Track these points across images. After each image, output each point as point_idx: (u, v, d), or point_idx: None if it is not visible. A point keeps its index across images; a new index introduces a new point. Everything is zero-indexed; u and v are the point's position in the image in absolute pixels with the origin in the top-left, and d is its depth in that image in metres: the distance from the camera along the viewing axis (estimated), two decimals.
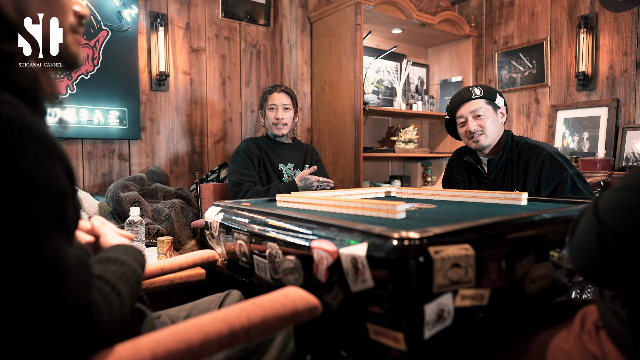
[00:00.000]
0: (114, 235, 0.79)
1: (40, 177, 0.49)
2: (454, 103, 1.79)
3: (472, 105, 1.73)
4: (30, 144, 0.48)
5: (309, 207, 1.24)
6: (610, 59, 2.64)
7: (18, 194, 0.46)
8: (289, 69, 2.93)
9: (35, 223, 0.47)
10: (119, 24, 2.44)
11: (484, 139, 1.72)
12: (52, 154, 0.51)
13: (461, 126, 1.78)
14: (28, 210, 0.47)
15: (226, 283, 2.06)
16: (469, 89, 1.75)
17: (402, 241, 0.70)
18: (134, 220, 1.61)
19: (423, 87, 3.62)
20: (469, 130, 1.73)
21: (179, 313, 0.98)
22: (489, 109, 1.73)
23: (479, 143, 1.73)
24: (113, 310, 0.55)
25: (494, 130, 1.73)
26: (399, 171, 3.61)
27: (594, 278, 0.64)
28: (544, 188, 1.60)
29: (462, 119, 1.77)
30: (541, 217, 0.93)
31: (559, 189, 1.57)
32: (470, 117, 1.73)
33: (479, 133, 1.72)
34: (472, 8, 3.40)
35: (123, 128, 2.49)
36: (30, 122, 0.49)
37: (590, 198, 1.53)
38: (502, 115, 1.77)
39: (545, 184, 1.60)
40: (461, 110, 1.76)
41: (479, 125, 1.72)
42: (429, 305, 0.68)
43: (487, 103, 1.73)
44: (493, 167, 1.76)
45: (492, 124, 1.72)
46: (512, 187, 1.71)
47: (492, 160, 1.75)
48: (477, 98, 1.72)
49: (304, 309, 0.67)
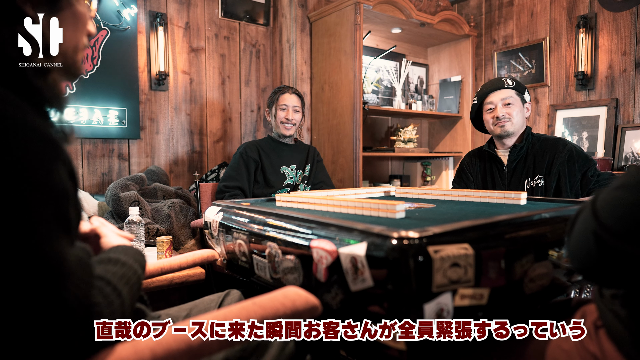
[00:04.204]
0: (114, 236, 0.79)
1: (44, 178, 0.49)
2: (486, 89, 1.86)
3: (504, 93, 1.81)
4: (34, 145, 0.48)
5: (309, 207, 1.24)
6: (609, 59, 2.64)
7: (22, 195, 0.46)
8: (289, 68, 2.93)
9: (38, 224, 0.47)
10: (118, 24, 2.44)
11: (510, 125, 1.79)
12: (56, 155, 0.51)
13: (489, 112, 1.85)
14: (31, 210, 0.47)
15: (226, 283, 2.06)
16: (502, 79, 1.84)
17: (401, 241, 0.70)
18: (134, 219, 1.61)
19: (422, 86, 3.62)
20: (497, 115, 1.80)
21: (178, 313, 0.99)
22: (518, 100, 1.81)
23: (504, 128, 1.79)
24: (114, 311, 0.55)
25: (520, 120, 1.80)
26: (399, 171, 3.61)
27: (592, 276, 0.64)
28: (577, 171, 1.68)
29: (491, 105, 1.84)
30: (540, 216, 0.93)
31: (589, 173, 1.67)
32: (500, 104, 1.81)
33: (506, 119, 1.79)
34: (472, 8, 3.41)
35: (122, 128, 2.49)
36: (35, 123, 0.49)
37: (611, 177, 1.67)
38: (527, 110, 1.85)
39: (580, 167, 1.68)
40: (492, 96, 1.83)
41: (507, 112, 1.79)
42: (428, 304, 0.68)
43: (517, 94, 1.81)
44: (515, 155, 1.82)
45: (519, 114, 1.80)
46: (534, 174, 1.77)
47: (515, 147, 1.81)
48: (509, 87, 1.80)
49: (304, 309, 0.67)
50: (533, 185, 1.77)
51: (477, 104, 1.90)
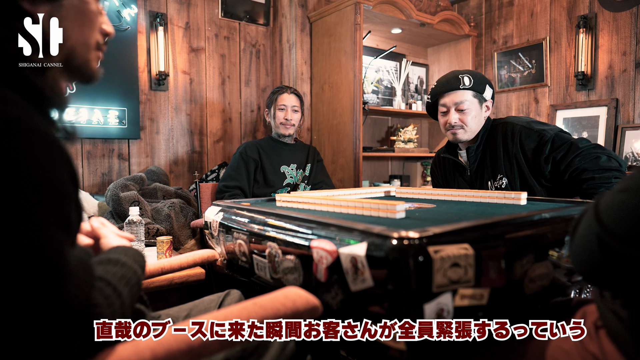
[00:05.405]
0: (114, 237, 0.79)
1: (45, 178, 0.48)
2: (439, 89, 1.68)
3: (458, 96, 1.63)
4: (36, 146, 0.48)
5: (309, 207, 1.24)
6: (609, 59, 2.64)
7: (22, 196, 0.46)
8: (289, 68, 2.93)
9: (39, 225, 0.47)
10: (118, 24, 2.44)
11: (462, 133, 1.65)
12: (58, 155, 0.51)
13: (442, 115, 1.69)
14: (32, 211, 0.47)
15: (226, 283, 2.06)
16: (458, 77, 1.63)
17: (401, 241, 0.70)
18: (134, 219, 1.61)
19: (422, 86, 3.62)
20: (450, 122, 1.65)
21: (178, 313, 0.99)
22: (475, 102, 1.64)
23: (457, 137, 1.66)
24: (114, 312, 0.55)
25: (475, 125, 1.65)
26: (399, 171, 3.61)
27: (595, 279, 0.64)
28: (539, 163, 1.51)
29: (444, 108, 1.67)
30: (540, 216, 0.93)
31: (555, 155, 1.48)
32: (453, 108, 1.64)
33: (458, 127, 1.64)
34: (472, 8, 3.41)
35: (122, 128, 2.49)
36: (37, 123, 0.49)
37: (582, 145, 1.45)
38: (486, 109, 1.68)
39: (535, 157, 1.52)
40: (445, 98, 1.66)
41: (460, 119, 1.63)
42: (428, 304, 0.68)
43: (474, 96, 1.63)
44: (472, 157, 1.68)
45: (474, 119, 1.64)
46: (494, 174, 1.62)
47: (470, 149, 1.68)
48: (465, 89, 1.62)
49: (305, 309, 0.67)
50: (497, 187, 1.62)
51: (430, 103, 1.74)
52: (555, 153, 1.48)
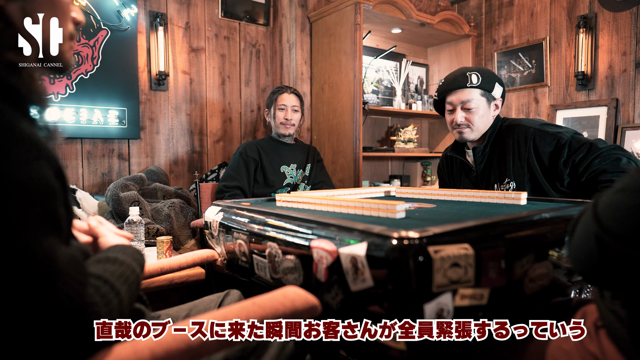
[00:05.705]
0: (113, 236, 0.79)
1: (26, 177, 0.48)
2: (447, 86, 1.63)
3: (465, 94, 1.58)
4: (13, 144, 0.48)
5: (309, 207, 1.24)
6: (609, 59, 2.64)
7: (4, 196, 0.45)
8: (289, 68, 2.93)
9: (23, 224, 0.47)
10: (118, 24, 2.44)
11: (469, 133, 1.61)
12: (37, 153, 0.50)
13: (449, 113, 1.65)
14: (15, 211, 0.46)
15: (226, 283, 2.06)
16: (466, 74, 1.58)
17: (401, 241, 0.70)
18: (134, 219, 1.61)
19: (422, 86, 3.62)
20: (456, 121, 1.61)
21: (178, 313, 0.99)
22: (482, 101, 1.59)
23: (463, 136, 1.63)
24: (112, 310, 0.54)
25: (482, 125, 1.61)
26: (399, 171, 3.61)
27: (594, 279, 0.64)
28: (556, 167, 1.47)
29: (450, 106, 1.63)
30: (540, 216, 0.93)
31: (574, 157, 1.43)
32: (460, 107, 1.60)
33: (464, 126, 1.60)
34: (472, 8, 3.40)
35: (122, 128, 2.49)
36: (13, 122, 0.49)
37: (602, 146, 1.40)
38: (495, 108, 1.64)
39: (552, 161, 1.47)
40: (452, 96, 1.62)
41: (466, 118, 1.59)
42: (428, 304, 0.68)
43: (481, 94, 1.59)
44: (479, 157, 1.65)
45: (480, 119, 1.59)
46: (501, 177, 1.59)
47: (477, 149, 1.64)
48: (473, 87, 1.57)
49: (304, 309, 0.67)
50: (504, 190, 1.58)
51: (437, 99, 1.69)
52: (574, 156, 1.43)
